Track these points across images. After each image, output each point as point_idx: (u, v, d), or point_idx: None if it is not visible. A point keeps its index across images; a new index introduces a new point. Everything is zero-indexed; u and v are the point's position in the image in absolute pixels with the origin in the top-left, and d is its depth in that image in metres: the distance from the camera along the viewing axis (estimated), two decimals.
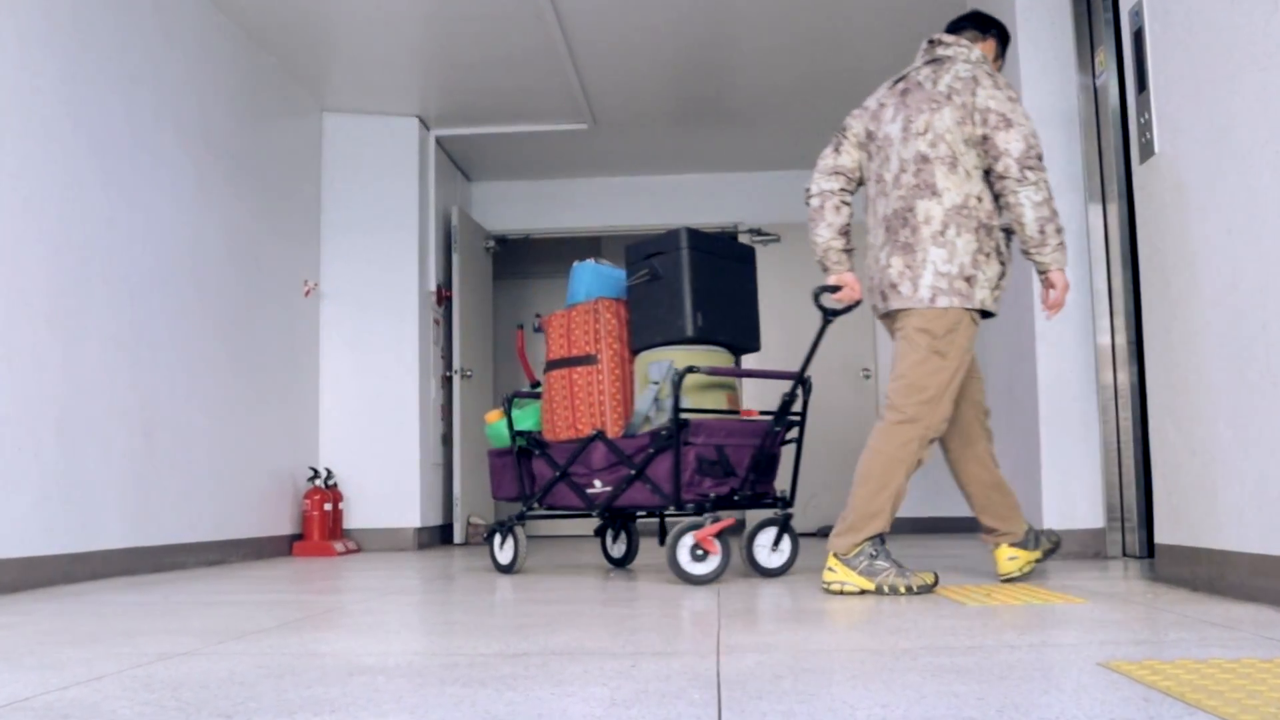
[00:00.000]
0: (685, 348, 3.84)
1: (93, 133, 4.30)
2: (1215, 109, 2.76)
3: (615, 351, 3.96)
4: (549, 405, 4.07)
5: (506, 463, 4.26)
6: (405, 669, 1.86)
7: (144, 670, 1.90)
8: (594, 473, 3.89)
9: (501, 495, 4.31)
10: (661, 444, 3.65)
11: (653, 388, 3.78)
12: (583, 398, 3.94)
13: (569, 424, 3.98)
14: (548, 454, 4.06)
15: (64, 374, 4.05)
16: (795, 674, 1.72)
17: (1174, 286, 3.02)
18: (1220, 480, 2.77)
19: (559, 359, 4.05)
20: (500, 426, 4.29)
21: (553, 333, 4.09)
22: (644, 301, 3.95)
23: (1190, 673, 1.64)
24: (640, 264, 3.98)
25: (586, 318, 3.99)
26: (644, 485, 3.74)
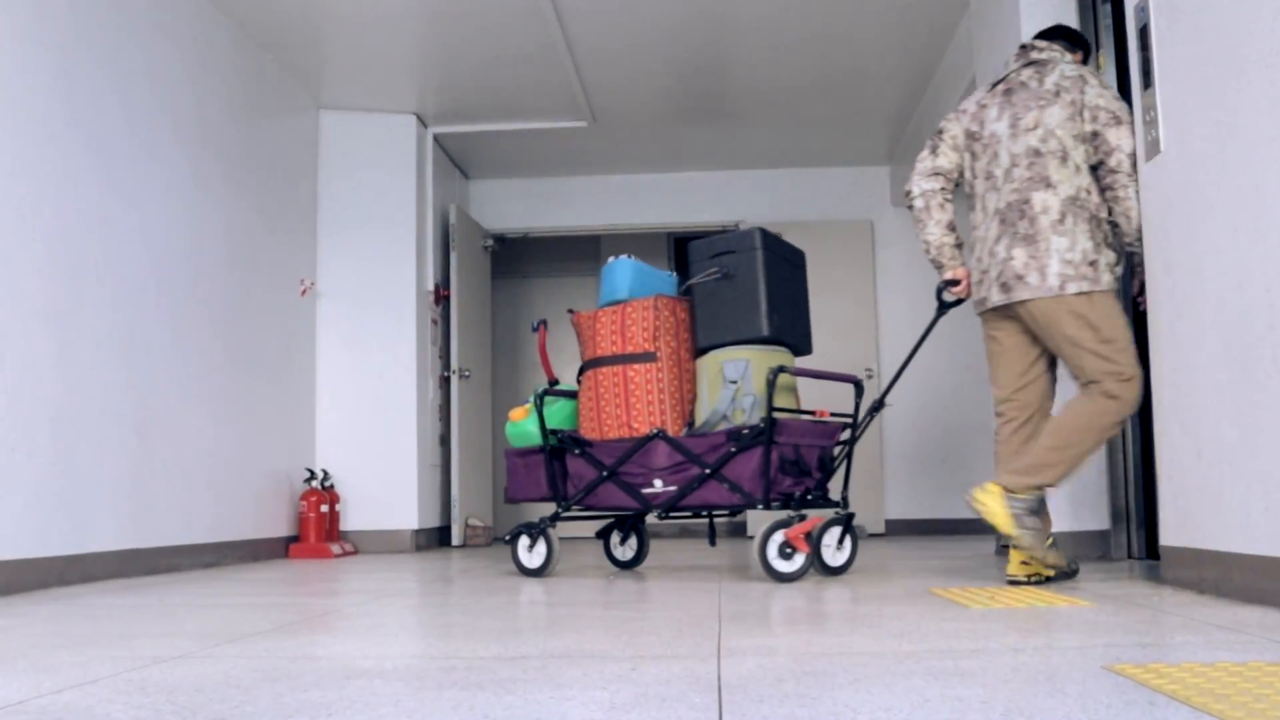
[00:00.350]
0: (758, 348, 3.89)
1: (88, 130, 4.30)
2: (1222, 107, 2.76)
3: (673, 349, 3.96)
4: (593, 403, 4.01)
5: (532, 462, 4.17)
6: (403, 672, 1.86)
7: (139, 674, 1.90)
8: (654, 472, 3.86)
9: (524, 496, 4.20)
10: (746, 443, 3.68)
11: (730, 387, 3.80)
12: (640, 395, 3.91)
13: (621, 422, 3.94)
14: (589, 453, 4.00)
15: (58, 374, 4.05)
16: (797, 677, 1.72)
17: (1179, 286, 3.02)
18: (1226, 481, 2.77)
19: (611, 355, 3.99)
20: (526, 425, 4.18)
21: (600, 329, 4.03)
22: (712, 300, 3.96)
23: (1196, 676, 1.64)
24: (707, 262, 3.99)
25: (644, 314, 3.95)
26: (720, 484, 3.75)
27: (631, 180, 8.26)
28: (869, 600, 2.97)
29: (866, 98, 6.80)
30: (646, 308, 3.95)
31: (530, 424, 4.17)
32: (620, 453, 3.93)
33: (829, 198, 8.16)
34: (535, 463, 4.16)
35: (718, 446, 3.75)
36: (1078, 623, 2.35)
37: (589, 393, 4.05)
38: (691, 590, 3.40)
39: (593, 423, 4.03)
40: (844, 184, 8.16)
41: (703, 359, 3.97)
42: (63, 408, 4.07)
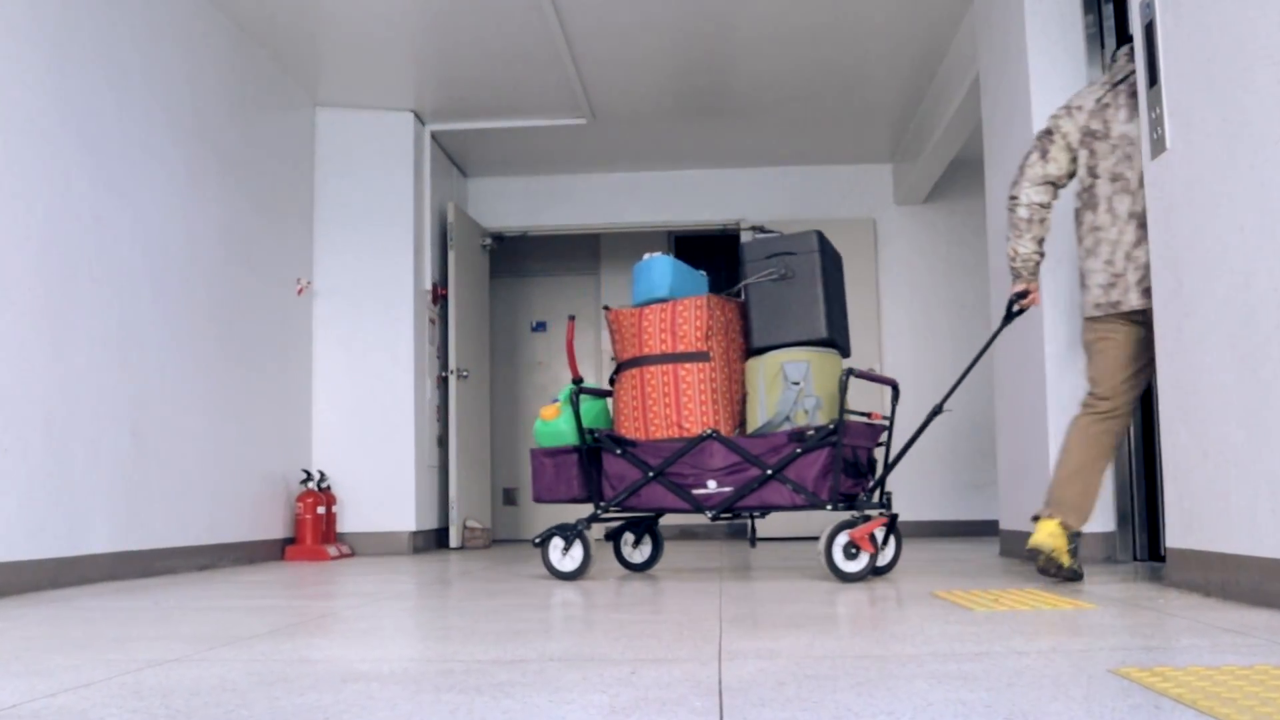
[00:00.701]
0: (815, 349, 3.91)
1: (82, 128, 4.30)
2: (1228, 104, 2.75)
3: (723, 349, 3.95)
4: (638, 402, 3.99)
5: (562, 462, 4.08)
6: (400, 676, 1.86)
7: (133, 677, 1.90)
8: (708, 473, 3.86)
9: (553, 497, 4.11)
10: (813, 444, 3.71)
11: (793, 388, 3.82)
12: (692, 395, 3.90)
13: (671, 422, 3.93)
14: (633, 453, 3.97)
15: (51, 374, 4.05)
16: (798, 681, 1.72)
17: (1186, 285, 3.02)
18: (1233, 483, 2.77)
19: (659, 354, 3.97)
20: (559, 424, 4.08)
21: (647, 327, 4.00)
22: (770, 300, 3.97)
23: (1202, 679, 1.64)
24: (763, 262, 4.00)
25: (697, 313, 3.93)
26: (782, 486, 3.76)
27: (631, 178, 8.25)
28: (872, 603, 2.97)
29: (868, 95, 6.80)
30: (699, 306, 3.93)
31: (563, 423, 4.08)
32: (669, 453, 3.90)
33: (831, 196, 8.16)
34: (566, 462, 4.07)
35: (779, 448, 3.77)
36: (1083, 625, 2.35)
37: (632, 392, 4.02)
38: (692, 592, 3.40)
39: (636, 422, 4.00)
40: (846, 182, 8.16)
41: (758, 359, 3.97)
42: (56, 408, 4.07)
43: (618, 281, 8.99)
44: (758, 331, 4.00)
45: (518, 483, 9.01)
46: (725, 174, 8.22)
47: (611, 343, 4.25)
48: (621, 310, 4.13)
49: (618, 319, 4.12)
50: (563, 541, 4.06)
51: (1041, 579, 3.58)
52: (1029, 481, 4.60)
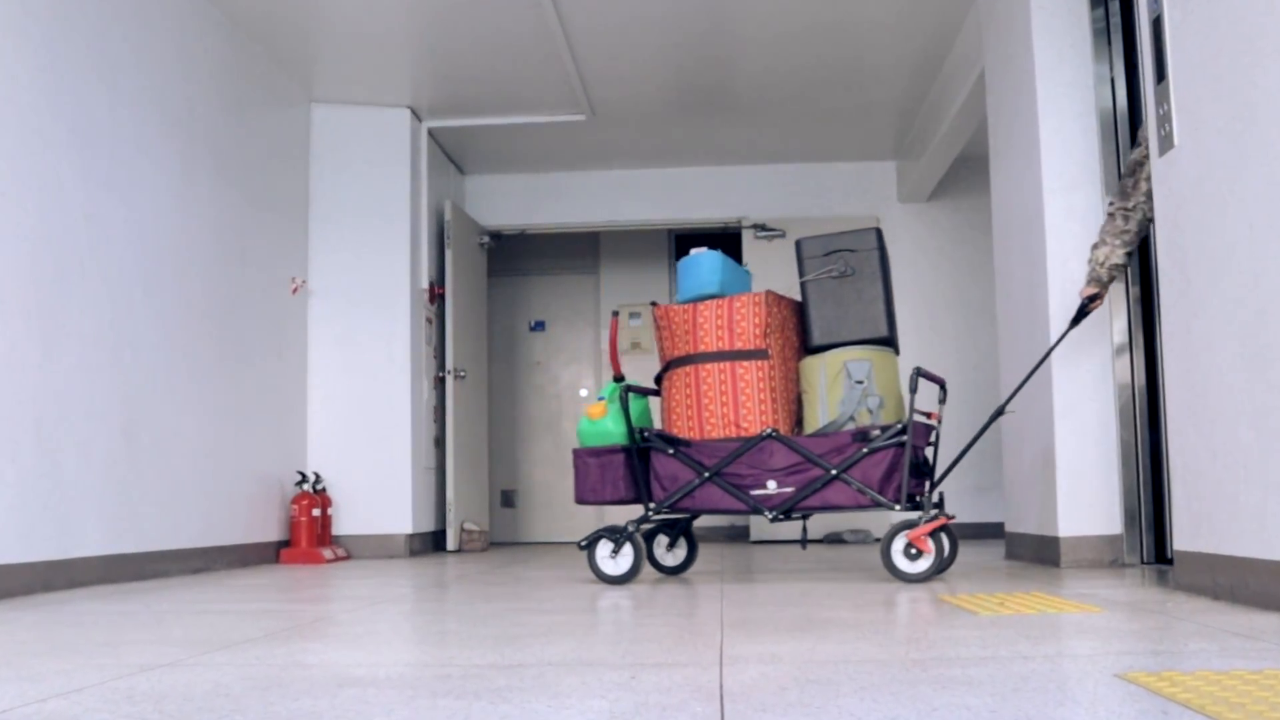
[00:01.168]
0: (875, 348, 3.91)
1: (72, 124, 4.30)
2: (1236, 100, 2.75)
3: (780, 347, 3.94)
4: (692, 400, 3.95)
5: (608, 462, 4.00)
6: (396, 680, 1.86)
7: (126, 682, 1.90)
8: (768, 473, 3.83)
9: (598, 499, 4.03)
10: (880, 444, 3.72)
11: (857, 387, 3.82)
12: (750, 394, 3.88)
13: (728, 421, 3.90)
14: (687, 453, 3.92)
15: (42, 374, 4.05)
16: (801, 685, 1.72)
17: (1194, 284, 3.02)
18: (1242, 485, 2.77)
19: (715, 352, 3.94)
20: (606, 423, 4.02)
21: (702, 323, 3.96)
22: (830, 298, 3.96)
23: (1211, 684, 1.64)
24: (822, 259, 3.99)
25: (755, 309, 3.90)
26: (845, 486, 3.76)
27: (631, 175, 8.25)
28: (875, 606, 2.97)
29: (872, 91, 6.79)
30: (757, 303, 3.91)
31: (610, 422, 4.02)
32: (725, 453, 3.87)
33: (834, 193, 8.16)
34: (612, 463, 4.00)
35: (842, 448, 3.77)
36: (1089, 630, 2.35)
37: (685, 390, 3.98)
38: (693, 596, 3.40)
39: (690, 421, 3.96)
40: (849, 179, 8.16)
41: (816, 358, 3.95)
42: (47, 409, 4.07)
43: (617, 280, 8.99)
44: (817, 329, 3.98)
45: (516, 484, 9.01)
46: (726, 171, 8.22)
47: (659, 340, 4.16)
48: (672, 306, 4.07)
49: (667, 315, 4.07)
50: (611, 544, 3.97)
51: (1046, 583, 3.58)
52: (1035, 484, 4.60)
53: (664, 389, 4.13)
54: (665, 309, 4.09)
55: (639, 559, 3.95)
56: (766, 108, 7.04)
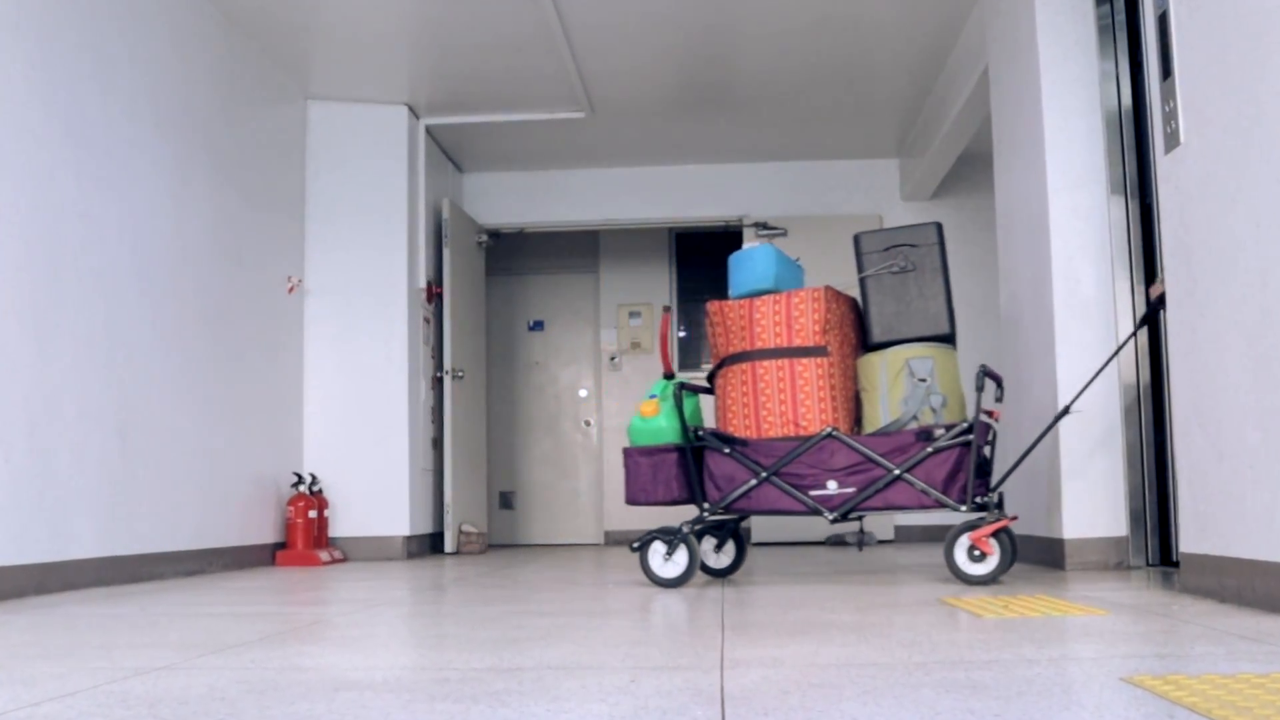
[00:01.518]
0: (937, 345, 3.89)
1: (66, 121, 4.30)
2: (1243, 97, 2.75)
3: (839, 343, 3.91)
4: (749, 398, 3.92)
5: (660, 462, 3.94)
6: (393, 684, 1.86)
7: (119, 686, 1.90)
8: (829, 473, 3.79)
9: (650, 499, 3.97)
10: (945, 444, 3.70)
11: (921, 385, 3.80)
12: (810, 392, 3.84)
13: (786, 420, 3.86)
14: (744, 453, 3.88)
15: (35, 374, 4.05)
16: (803, 689, 1.72)
17: (1200, 283, 3.02)
18: (1249, 486, 2.77)
19: (773, 348, 3.90)
20: (660, 422, 3.95)
21: (760, 319, 3.92)
22: (891, 293, 3.95)
23: (1217, 688, 1.64)
24: (881, 254, 3.97)
25: (814, 305, 3.87)
26: (908, 486, 3.74)
27: (631, 173, 8.25)
28: (878, 609, 2.97)
29: (875, 88, 6.79)
30: (816, 298, 3.87)
31: (664, 420, 3.95)
32: (784, 452, 3.83)
33: (836, 191, 8.16)
34: (664, 462, 3.93)
35: (905, 447, 3.74)
36: (1094, 633, 2.35)
37: (742, 387, 3.94)
38: (693, 599, 3.40)
39: (747, 420, 3.92)
40: (851, 177, 8.16)
41: (877, 355, 3.93)
42: (40, 409, 4.07)
43: (617, 280, 8.99)
44: (878, 326, 3.95)
45: (514, 486, 9.01)
46: (727, 169, 8.22)
47: (712, 337, 4.11)
48: (727, 302, 4.02)
49: (722, 311, 4.02)
50: (664, 546, 3.89)
51: (1050, 585, 3.58)
52: (1038, 485, 4.60)
53: (718, 386, 4.07)
54: (720, 305, 4.03)
55: (694, 561, 3.85)
56: (768, 105, 7.04)
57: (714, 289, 8.92)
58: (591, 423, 8.99)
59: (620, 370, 8.87)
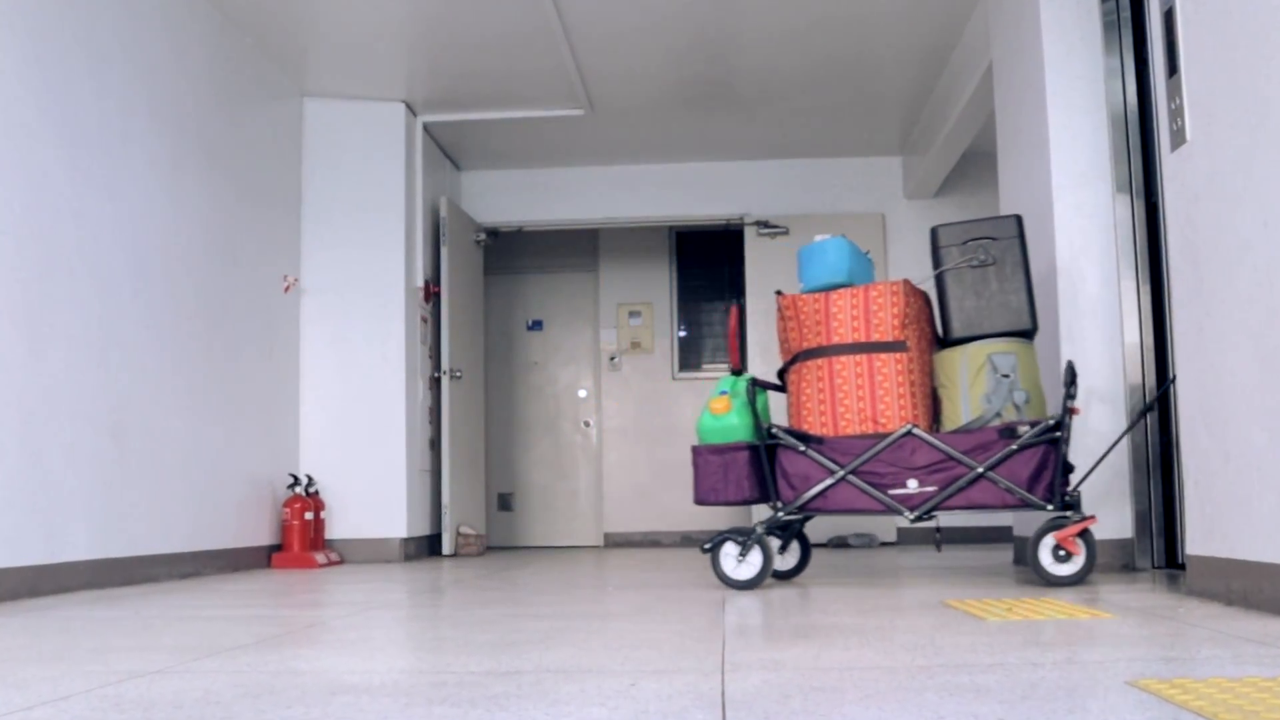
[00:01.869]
0: (1018, 340, 3.87)
1: (59, 118, 4.29)
2: (1250, 94, 2.75)
3: (917, 339, 3.88)
4: (824, 395, 3.87)
5: (732, 460, 3.87)
6: (390, 688, 1.86)
7: (113, 689, 1.90)
8: (908, 471, 3.75)
9: (720, 499, 3.89)
10: (1030, 441, 3.66)
11: (1003, 381, 3.77)
12: (889, 388, 3.80)
13: (865, 416, 3.82)
14: (818, 450, 3.81)
15: (28, 374, 4.05)
16: (805, 693, 1.72)
17: (1207, 283, 3.02)
18: (1256, 487, 2.77)
19: (850, 344, 3.85)
20: (730, 419, 3.89)
21: (836, 314, 3.87)
22: (970, 287, 3.92)
23: (1224, 692, 1.64)
24: (960, 248, 3.94)
25: (893, 299, 3.83)
26: (992, 485, 3.70)
27: (631, 171, 8.26)
28: (880, 612, 2.97)
29: (877, 84, 6.80)
30: (895, 292, 3.84)
31: (735, 417, 3.88)
32: (862, 450, 3.77)
33: (838, 189, 8.16)
34: (735, 460, 3.86)
35: (987, 445, 3.71)
36: (1100, 636, 2.35)
37: (818, 384, 3.89)
38: (694, 601, 3.40)
39: (823, 417, 3.88)
40: (854, 175, 8.16)
41: (956, 350, 3.89)
42: (33, 410, 4.07)
43: (617, 278, 8.99)
44: (957, 320, 3.91)
45: (513, 487, 9.01)
46: (728, 167, 8.22)
47: (783, 331, 4.06)
48: (800, 295, 3.97)
49: (795, 305, 3.97)
50: (737, 547, 3.82)
51: (1056, 588, 3.58)
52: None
53: (790, 383, 4.03)
54: (793, 298, 3.98)
55: (768, 563, 3.79)
56: (769, 101, 7.04)
57: (715, 288, 8.92)
58: (591, 423, 8.99)
59: (620, 370, 8.87)
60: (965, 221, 4.01)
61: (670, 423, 8.75)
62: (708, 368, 8.85)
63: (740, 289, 8.57)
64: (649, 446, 8.74)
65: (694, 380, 8.81)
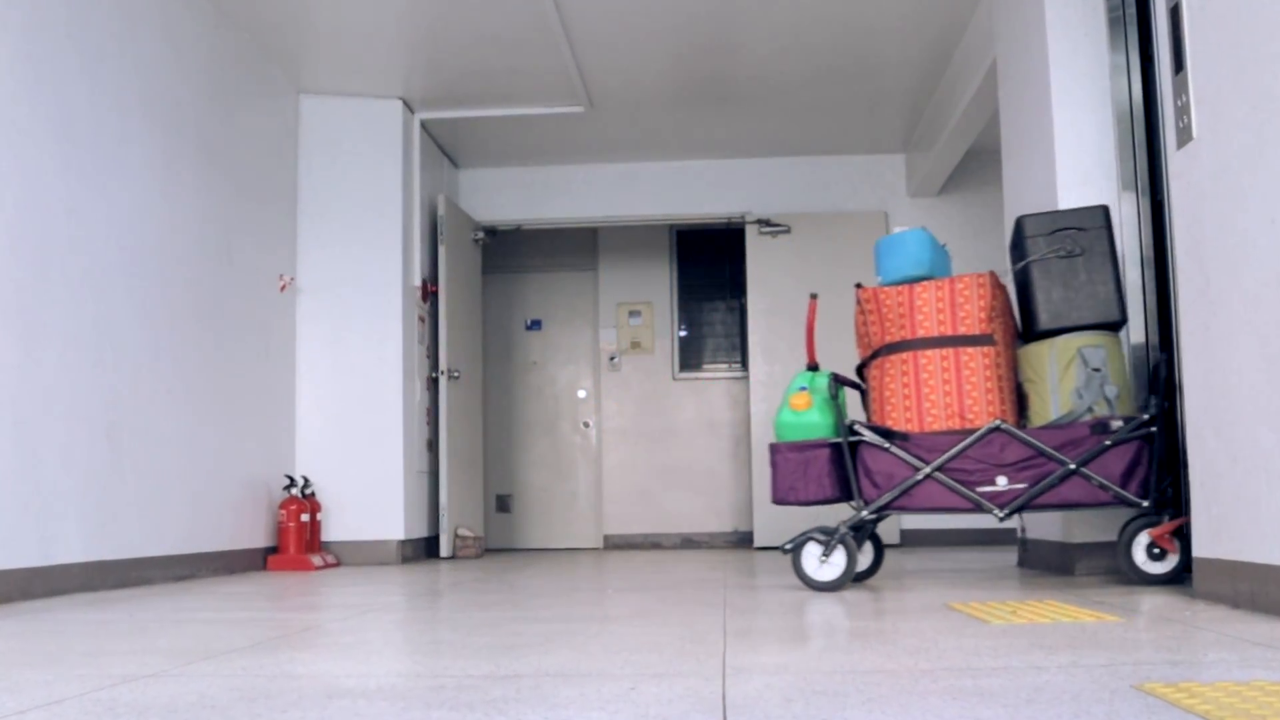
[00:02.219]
0: (1106, 333, 3.85)
1: (52, 116, 4.30)
2: (1258, 91, 2.75)
3: (1002, 332, 3.85)
4: (909, 390, 3.83)
5: (812, 458, 3.83)
6: (388, 691, 1.85)
7: (107, 693, 1.90)
8: (998, 468, 3.70)
9: (800, 498, 3.86)
10: (1124, 436, 3.63)
11: (1095, 375, 3.74)
12: (976, 383, 3.76)
13: (951, 412, 3.78)
14: (903, 447, 3.77)
15: (21, 375, 4.05)
16: (806, 697, 1.72)
17: (1213, 282, 3.02)
18: (1264, 489, 2.77)
19: (936, 337, 3.82)
20: (813, 415, 3.85)
21: (922, 307, 3.84)
22: (1057, 279, 3.89)
23: (1231, 696, 1.64)
24: (1046, 238, 3.92)
25: (980, 291, 3.80)
26: (1084, 481, 3.66)
27: (631, 169, 8.26)
28: (883, 615, 2.97)
29: (880, 82, 6.80)
30: (982, 284, 3.81)
31: (817, 414, 3.85)
32: (948, 446, 3.73)
33: (840, 188, 8.16)
34: (816, 458, 3.82)
35: (1079, 440, 3.67)
36: (1105, 639, 2.35)
37: (902, 378, 3.85)
38: (695, 605, 3.40)
39: (908, 413, 3.83)
40: (856, 173, 8.17)
41: (1044, 344, 3.86)
42: (26, 410, 4.07)
43: (617, 278, 8.99)
44: (1045, 312, 3.89)
45: (512, 489, 9.01)
46: (729, 165, 8.22)
47: (863, 325, 4.02)
48: (881, 288, 3.93)
49: (876, 298, 3.93)
50: (820, 547, 3.76)
51: (1060, 590, 3.57)
52: None
53: (872, 378, 3.98)
54: (874, 291, 3.93)
55: (852, 563, 3.73)
56: (771, 99, 7.04)
57: (715, 287, 8.92)
58: (590, 424, 8.99)
59: (620, 370, 8.88)
60: (1051, 211, 3.98)
61: (670, 423, 8.75)
62: (708, 368, 8.85)
63: (741, 288, 8.58)
64: (649, 447, 8.74)
65: (694, 381, 8.82)
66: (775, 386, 7.94)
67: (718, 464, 8.67)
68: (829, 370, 3.97)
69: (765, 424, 7.90)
